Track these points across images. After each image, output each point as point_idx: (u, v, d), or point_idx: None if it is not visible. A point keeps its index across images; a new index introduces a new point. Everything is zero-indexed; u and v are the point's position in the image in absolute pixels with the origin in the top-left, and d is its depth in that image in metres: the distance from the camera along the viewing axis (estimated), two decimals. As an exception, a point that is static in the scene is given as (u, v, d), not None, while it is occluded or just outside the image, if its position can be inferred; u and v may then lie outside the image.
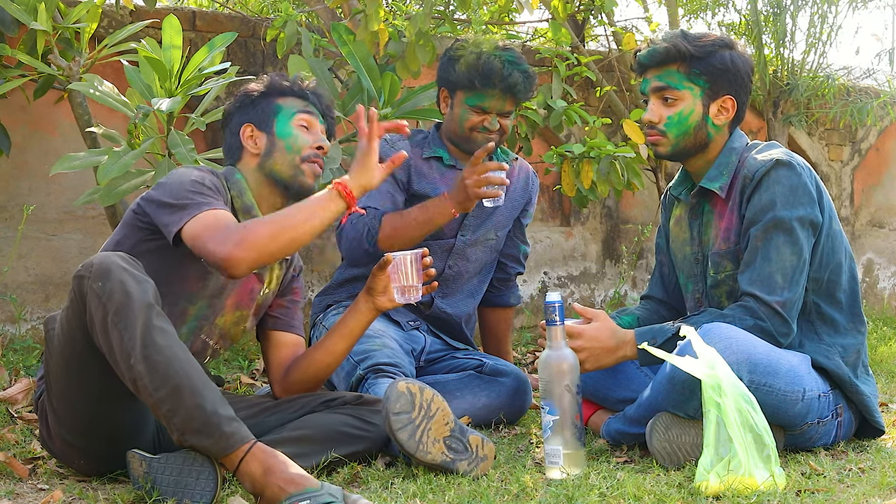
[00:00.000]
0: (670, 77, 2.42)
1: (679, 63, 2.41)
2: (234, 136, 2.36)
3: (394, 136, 3.06)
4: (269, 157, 2.31)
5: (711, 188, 2.44)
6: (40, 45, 3.10)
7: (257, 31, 4.02)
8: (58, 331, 2.06)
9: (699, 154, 2.47)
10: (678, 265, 2.61)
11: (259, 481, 1.86)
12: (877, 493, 2.00)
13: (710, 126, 2.44)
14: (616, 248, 5.06)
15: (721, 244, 2.43)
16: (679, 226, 2.58)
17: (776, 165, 2.34)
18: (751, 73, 2.46)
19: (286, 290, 2.44)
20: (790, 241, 2.32)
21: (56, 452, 2.19)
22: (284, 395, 2.39)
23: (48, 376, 2.11)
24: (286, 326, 2.44)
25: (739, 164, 2.43)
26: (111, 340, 1.91)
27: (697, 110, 2.43)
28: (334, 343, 2.36)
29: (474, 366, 2.94)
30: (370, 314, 2.36)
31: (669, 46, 2.41)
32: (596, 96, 4.74)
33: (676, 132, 2.44)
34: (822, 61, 5.41)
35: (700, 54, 2.40)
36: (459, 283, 3.09)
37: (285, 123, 2.32)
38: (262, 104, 2.35)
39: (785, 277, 2.30)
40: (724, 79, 2.42)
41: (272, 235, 2.00)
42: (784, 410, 2.26)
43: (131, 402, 2.07)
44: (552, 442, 2.16)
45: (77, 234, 3.68)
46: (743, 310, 2.31)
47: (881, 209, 6.25)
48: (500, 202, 2.79)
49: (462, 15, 4.23)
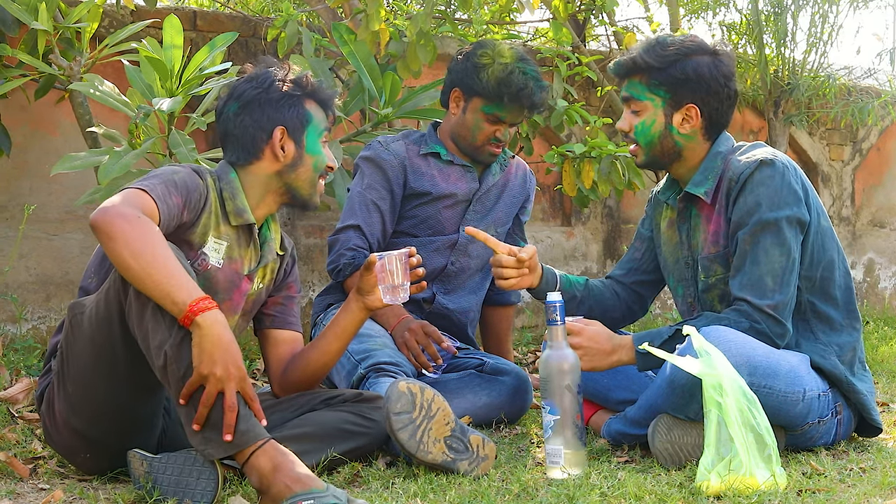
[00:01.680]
0: (633, 88, 2.46)
1: (640, 74, 2.44)
2: (260, 131, 2.26)
3: (388, 137, 3.07)
4: (294, 170, 2.28)
5: (697, 193, 2.44)
6: (41, 45, 3.10)
7: (258, 31, 4.02)
8: (90, 315, 2.05)
9: (677, 162, 2.48)
10: (669, 269, 2.61)
11: (267, 477, 1.86)
12: (878, 493, 2.00)
13: (676, 135, 2.45)
14: (617, 248, 5.06)
15: (710, 248, 2.43)
16: (671, 230, 2.58)
17: (760, 166, 2.34)
18: (724, 79, 2.43)
19: (281, 285, 2.43)
20: (778, 242, 2.31)
21: (59, 445, 2.19)
22: (283, 393, 2.39)
23: (67, 363, 2.10)
24: (283, 324, 2.43)
25: (724, 166, 2.43)
26: (147, 328, 1.92)
27: (659, 120, 2.44)
28: (328, 343, 2.35)
29: (475, 365, 2.94)
30: (361, 314, 2.34)
31: (629, 59, 2.45)
32: (597, 96, 4.74)
33: (643, 141, 2.47)
34: (823, 61, 5.41)
35: (659, 65, 2.41)
36: (462, 278, 3.09)
37: (315, 140, 2.30)
38: (295, 107, 2.27)
39: (775, 279, 2.30)
40: (686, 88, 2.41)
41: (131, 253, 1.88)
42: (785, 411, 2.26)
43: (151, 396, 2.11)
44: (553, 442, 2.16)
45: (78, 234, 3.68)
46: (737, 314, 2.31)
47: (882, 209, 6.25)
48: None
49: (463, 15, 4.23)
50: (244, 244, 2.29)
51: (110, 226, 1.90)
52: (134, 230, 1.90)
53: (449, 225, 3.03)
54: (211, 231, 2.21)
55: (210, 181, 2.24)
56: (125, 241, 1.89)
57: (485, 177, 3.09)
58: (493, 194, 3.11)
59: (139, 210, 1.95)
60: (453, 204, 3.04)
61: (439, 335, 2.81)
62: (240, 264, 2.28)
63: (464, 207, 3.06)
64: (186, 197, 2.13)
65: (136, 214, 1.93)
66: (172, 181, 2.10)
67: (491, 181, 3.09)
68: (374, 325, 2.84)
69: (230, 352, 1.87)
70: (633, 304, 2.73)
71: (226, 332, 1.88)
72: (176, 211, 2.09)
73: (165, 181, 2.09)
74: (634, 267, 2.73)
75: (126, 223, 1.90)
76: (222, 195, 2.25)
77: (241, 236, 2.28)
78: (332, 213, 4.01)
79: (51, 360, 2.22)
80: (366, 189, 2.97)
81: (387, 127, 3.54)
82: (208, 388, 1.86)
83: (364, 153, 3.04)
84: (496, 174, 3.11)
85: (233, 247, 2.26)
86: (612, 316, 2.68)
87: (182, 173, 2.15)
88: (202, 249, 2.20)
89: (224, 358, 1.86)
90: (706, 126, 2.45)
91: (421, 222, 3.02)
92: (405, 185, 3.00)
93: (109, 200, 1.97)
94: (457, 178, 3.05)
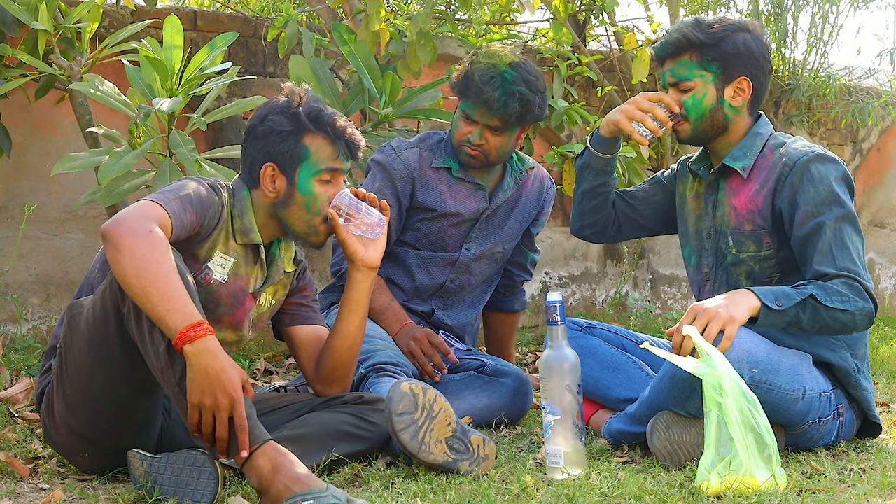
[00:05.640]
0: (682, 69, 2.48)
1: (691, 52, 2.47)
2: (255, 162, 2.24)
3: (402, 142, 3.02)
4: (285, 206, 2.24)
5: (735, 167, 2.48)
6: (41, 45, 3.10)
7: (258, 31, 4.01)
8: (87, 315, 2.05)
9: (720, 137, 2.52)
10: (687, 238, 2.64)
11: (266, 478, 1.86)
12: (878, 493, 2.00)
13: (728, 108, 2.49)
14: (617, 248, 5.06)
15: (745, 224, 2.46)
16: (696, 201, 2.61)
17: (823, 159, 2.40)
18: (767, 54, 2.51)
19: (294, 290, 2.43)
20: (856, 231, 2.37)
21: (59, 445, 2.18)
22: (324, 390, 2.38)
23: (65, 363, 2.10)
24: (304, 320, 2.42)
25: (765, 148, 2.48)
26: (144, 329, 1.92)
27: (711, 94, 2.48)
28: (346, 321, 2.34)
29: (475, 366, 2.93)
30: (366, 276, 2.32)
31: (681, 37, 2.47)
32: (597, 96, 4.74)
33: (695, 115, 2.49)
34: (823, 61, 5.41)
35: (711, 41, 2.45)
36: (461, 295, 3.06)
37: (307, 179, 2.22)
38: (289, 141, 2.21)
39: (863, 265, 2.35)
40: (738, 62, 2.46)
41: (135, 271, 1.88)
42: (784, 409, 2.26)
43: (150, 397, 2.11)
44: (553, 442, 2.16)
45: (78, 234, 3.68)
46: (849, 288, 2.29)
47: (882, 209, 6.25)
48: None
49: (463, 15, 4.23)
50: (251, 262, 2.27)
51: (120, 238, 1.90)
52: (141, 246, 1.90)
53: (452, 242, 2.98)
54: (219, 246, 2.19)
55: (226, 196, 2.22)
56: (131, 256, 1.89)
57: (495, 193, 3.00)
58: (504, 211, 3.03)
59: (153, 225, 1.94)
60: (458, 223, 2.97)
61: (446, 346, 2.82)
62: (245, 281, 2.26)
63: (469, 226, 2.99)
64: (202, 214, 2.11)
65: (147, 230, 1.93)
66: (189, 197, 2.09)
67: (501, 198, 3.01)
68: (376, 327, 2.83)
69: (220, 380, 1.87)
70: (614, 223, 2.79)
71: (214, 360, 1.87)
72: (189, 227, 2.08)
73: (181, 196, 2.07)
74: (637, 198, 2.77)
75: (135, 238, 1.90)
76: (233, 212, 2.23)
77: (248, 254, 2.26)
78: (332, 213, 4.00)
79: (50, 359, 2.22)
80: (375, 193, 2.93)
81: (387, 127, 3.53)
82: (204, 416, 1.88)
83: (376, 156, 2.99)
84: (508, 190, 3.01)
85: (239, 264, 2.24)
86: (599, 220, 2.76)
87: (199, 189, 2.13)
88: (207, 264, 2.18)
89: (212, 388, 1.87)
90: (752, 99, 2.51)
91: (423, 236, 2.97)
92: (412, 196, 2.95)
93: (124, 211, 1.97)
94: (465, 196, 2.97)
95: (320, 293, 3.09)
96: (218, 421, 1.87)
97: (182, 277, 1.93)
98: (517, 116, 2.82)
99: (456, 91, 2.91)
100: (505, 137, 2.87)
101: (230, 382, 1.88)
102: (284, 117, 2.23)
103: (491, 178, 3.01)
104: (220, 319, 2.23)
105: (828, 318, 2.26)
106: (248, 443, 1.88)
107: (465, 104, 2.88)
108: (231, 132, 3.85)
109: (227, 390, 1.87)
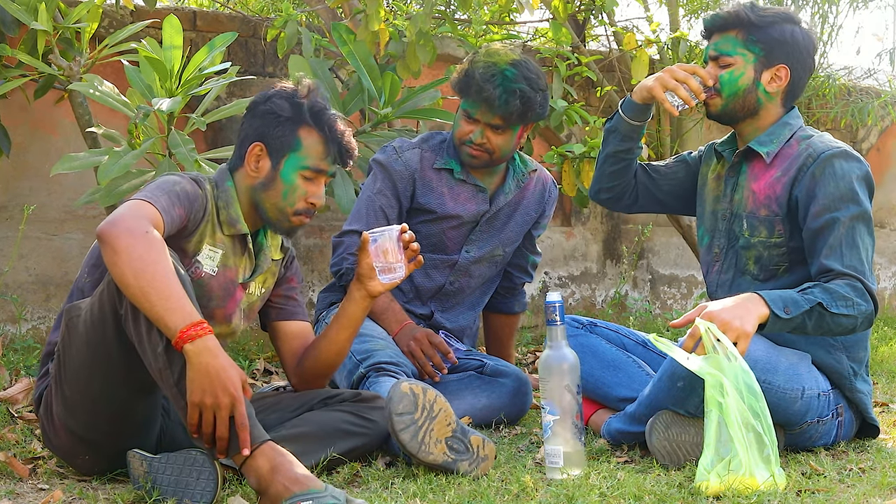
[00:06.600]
0: (726, 44, 2.50)
1: (738, 29, 2.49)
2: (247, 139, 2.28)
3: (404, 142, 3.02)
4: (264, 189, 2.25)
5: (759, 151, 2.49)
6: (41, 45, 3.10)
7: (258, 31, 4.02)
8: (85, 317, 2.05)
9: (749, 119, 2.53)
10: (703, 219, 2.65)
11: (265, 478, 1.86)
12: (877, 493, 2.00)
13: (762, 92, 2.50)
14: (617, 249, 5.06)
15: (761, 210, 2.47)
16: (716, 182, 2.62)
17: (847, 156, 2.41)
18: (812, 51, 2.52)
19: (282, 279, 2.44)
20: (868, 231, 2.40)
21: (58, 448, 2.18)
22: (301, 385, 2.41)
23: (63, 365, 2.10)
24: (289, 315, 2.44)
25: (792, 139, 2.49)
26: (142, 330, 1.92)
27: (748, 74, 2.49)
28: (336, 333, 2.36)
29: (475, 366, 2.93)
30: (364, 301, 2.34)
31: (732, 12, 2.49)
32: (597, 96, 4.74)
33: (728, 91, 2.50)
34: (822, 61, 5.40)
35: (760, 23, 2.47)
36: (460, 297, 3.06)
37: (292, 170, 2.24)
38: (283, 128, 2.24)
39: (870, 267, 2.37)
40: (781, 49, 2.48)
41: (133, 271, 1.88)
42: (783, 408, 2.27)
43: (148, 397, 2.10)
44: (552, 442, 2.16)
45: (78, 234, 3.69)
46: (853, 290, 2.31)
47: (882, 209, 6.25)
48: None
49: (463, 15, 4.23)
50: (239, 253, 2.29)
51: (117, 239, 1.91)
52: (139, 247, 1.90)
53: (452, 245, 2.98)
54: (206, 239, 2.21)
55: (209, 188, 2.23)
56: (129, 257, 1.89)
57: (497, 196, 2.99)
58: (504, 213, 3.02)
59: (149, 225, 1.95)
60: (458, 225, 2.97)
61: (446, 346, 2.82)
62: (234, 272, 2.28)
63: (469, 228, 2.98)
64: (189, 208, 2.13)
65: (144, 230, 1.93)
66: (175, 192, 2.10)
67: (502, 201, 3.00)
68: (375, 327, 2.84)
69: (220, 378, 1.87)
70: (633, 192, 2.78)
71: (214, 359, 1.88)
72: (178, 223, 2.10)
73: (168, 192, 2.08)
74: (659, 173, 2.77)
75: (132, 239, 1.91)
76: (217, 203, 2.25)
77: (236, 245, 2.28)
78: (332, 213, 4.01)
79: (47, 363, 2.22)
80: (376, 194, 2.92)
81: (386, 127, 3.54)
82: (204, 415, 1.88)
83: (378, 156, 2.98)
84: (510, 192, 3.01)
85: (228, 255, 2.26)
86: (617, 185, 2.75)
87: (183, 183, 2.15)
88: (196, 257, 2.20)
89: (213, 387, 1.87)
90: (788, 90, 2.52)
91: (423, 238, 2.92)
92: (413, 197, 2.94)
93: (118, 212, 1.97)
94: (466, 199, 2.96)
95: (322, 291, 3.10)
96: (219, 420, 1.87)
97: (179, 277, 1.94)
98: (518, 114, 2.82)
99: (457, 90, 2.90)
100: (506, 136, 2.87)
101: (231, 381, 1.88)
102: (287, 103, 2.25)
103: (493, 180, 3.01)
104: (212, 314, 2.24)
105: (832, 323, 2.28)
106: (248, 440, 1.88)
107: (467, 103, 2.87)
108: (230, 132, 3.85)
109: (228, 389, 1.87)
